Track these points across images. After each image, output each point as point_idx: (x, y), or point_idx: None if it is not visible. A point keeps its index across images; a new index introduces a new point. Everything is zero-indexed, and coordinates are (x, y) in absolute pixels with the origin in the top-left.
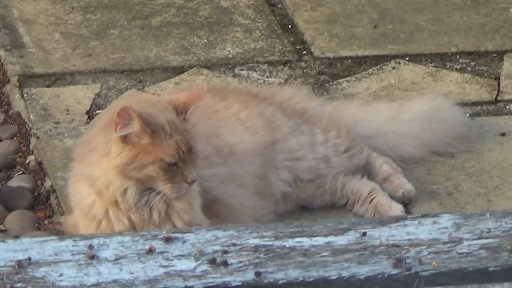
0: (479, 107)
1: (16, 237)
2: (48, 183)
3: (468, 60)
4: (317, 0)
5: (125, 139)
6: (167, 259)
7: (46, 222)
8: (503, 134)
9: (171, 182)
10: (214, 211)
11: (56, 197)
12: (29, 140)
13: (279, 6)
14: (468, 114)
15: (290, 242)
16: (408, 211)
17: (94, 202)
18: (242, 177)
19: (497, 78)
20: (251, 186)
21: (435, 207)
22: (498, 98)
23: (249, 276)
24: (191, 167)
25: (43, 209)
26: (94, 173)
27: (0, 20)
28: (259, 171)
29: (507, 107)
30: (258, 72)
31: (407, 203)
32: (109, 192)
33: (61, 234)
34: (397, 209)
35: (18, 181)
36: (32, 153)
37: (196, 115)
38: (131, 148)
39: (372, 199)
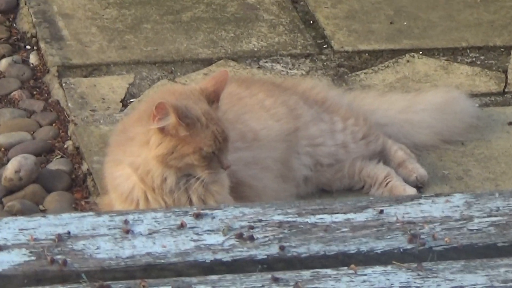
0: (488, 98)
1: None
2: (84, 167)
3: (477, 54)
4: None
5: (163, 130)
6: (197, 234)
7: (82, 202)
8: (510, 123)
9: (209, 169)
10: (239, 193)
11: (92, 180)
12: (67, 126)
13: (301, 3)
14: (477, 105)
15: (312, 219)
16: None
17: (134, 186)
18: (265, 161)
19: (505, 71)
20: (274, 169)
21: (446, 191)
22: (506, 90)
23: (274, 250)
24: (226, 153)
25: (80, 190)
26: (136, 161)
27: (41, 15)
28: (281, 156)
29: None
30: (281, 64)
31: (420, 186)
32: (149, 179)
33: None
34: (410, 192)
35: (56, 164)
36: (70, 139)
37: (222, 101)
38: (171, 139)
39: (387, 183)
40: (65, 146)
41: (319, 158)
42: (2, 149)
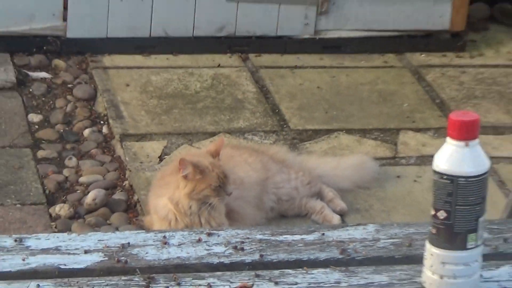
0: (385, 160)
1: (117, 228)
2: (136, 197)
3: (379, 133)
4: (293, 96)
5: (186, 177)
6: (209, 245)
7: (134, 220)
8: (398, 177)
9: (218, 196)
10: (231, 217)
11: (140, 205)
12: (125, 172)
13: (271, 98)
14: (378, 165)
15: (280, 238)
16: (343, 220)
17: (169, 211)
18: (248, 197)
19: (395, 144)
20: (252, 202)
21: (358, 218)
22: (396, 156)
23: (256, 256)
24: (228, 185)
25: (133, 212)
26: (172, 196)
27: (110, 102)
28: (257, 194)
29: (401, 161)
30: (258, 137)
31: (342, 214)
32: (179, 207)
33: (142, 228)
34: (336, 218)
35: (118, 195)
36: (127, 179)
37: (221, 158)
38: (191, 182)
39: (322, 212)
40: (124, 184)
41: (280, 196)
42: (85, 185)
